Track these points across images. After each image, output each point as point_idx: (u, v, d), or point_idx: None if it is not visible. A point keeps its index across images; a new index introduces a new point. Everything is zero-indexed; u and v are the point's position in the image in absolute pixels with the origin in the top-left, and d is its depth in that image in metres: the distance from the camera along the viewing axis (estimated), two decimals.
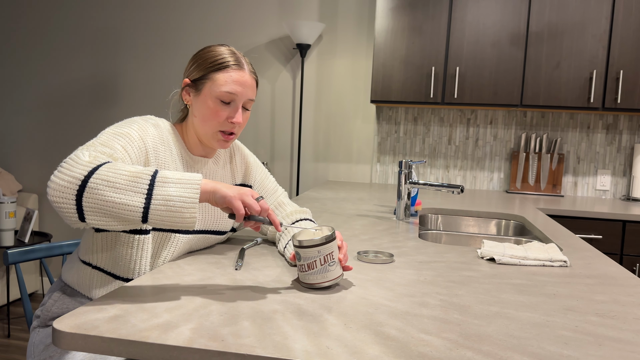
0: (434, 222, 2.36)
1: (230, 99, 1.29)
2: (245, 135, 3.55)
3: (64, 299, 1.29)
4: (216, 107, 1.29)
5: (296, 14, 3.43)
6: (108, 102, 3.72)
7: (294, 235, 1.12)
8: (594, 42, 2.79)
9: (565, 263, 1.39)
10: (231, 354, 0.77)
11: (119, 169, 1.00)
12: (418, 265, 1.33)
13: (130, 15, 3.64)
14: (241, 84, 1.30)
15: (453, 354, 0.79)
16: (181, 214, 0.98)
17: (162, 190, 0.99)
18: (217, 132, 1.31)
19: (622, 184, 3.18)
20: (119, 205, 0.97)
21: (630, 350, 0.84)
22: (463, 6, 2.87)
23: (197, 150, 1.38)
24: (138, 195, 0.98)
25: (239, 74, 1.30)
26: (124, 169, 1.00)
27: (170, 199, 0.98)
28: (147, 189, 0.98)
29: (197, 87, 1.31)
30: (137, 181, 0.98)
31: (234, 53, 1.33)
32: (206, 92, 1.29)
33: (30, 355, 1.26)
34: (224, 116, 1.30)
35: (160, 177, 1.00)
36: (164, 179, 1.00)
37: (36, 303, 3.63)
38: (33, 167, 3.84)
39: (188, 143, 1.37)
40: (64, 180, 0.98)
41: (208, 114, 1.29)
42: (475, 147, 3.29)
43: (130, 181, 0.98)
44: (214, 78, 1.29)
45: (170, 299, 0.98)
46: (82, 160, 1.01)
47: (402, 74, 2.95)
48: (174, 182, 1.00)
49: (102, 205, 0.97)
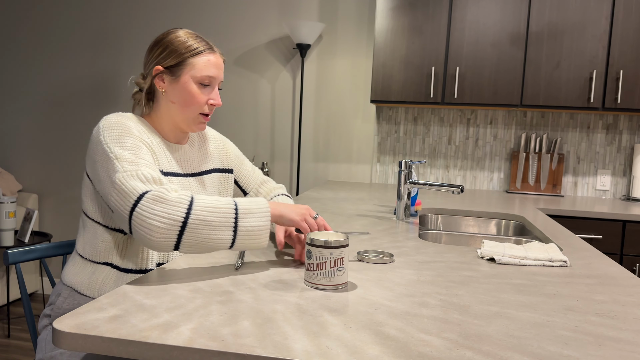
0: (434, 222, 2.36)
1: (209, 82, 1.34)
2: (246, 135, 3.55)
3: (74, 295, 1.30)
4: (197, 91, 1.33)
5: (296, 14, 3.43)
6: (108, 102, 3.72)
7: (308, 234, 1.13)
8: (594, 42, 2.79)
9: (565, 263, 1.39)
10: (231, 354, 0.77)
11: (209, 206, 1.11)
12: (418, 265, 1.33)
13: (130, 15, 3.64)
14: (217, 66, 1.35)
15: (453, 354, 0.79)
16: (258, 240, 1.15)
17: (245, 222, 1.13)
18: (198, 116, 1.36)
19: (622, 184, 3.18)
20: (214, 241, 1.10)
21: (630, 350, 0.84)
22: (463, 6, 2.87)
23: (172, 137, 1.41)
24: (228, 229, 1.11)
25: (214, 57, 1.36)
26: (212, 206, 1.11)
27: (251, 229, 1.13)
28: (234, 223, 1.12)
29: (173, 73, 1.33)
30: (226, 217, 1.11)
31: (201, 37, 1.37)
32: (185, 77, 1.32)
33: (41, 349, 1.27)
34: (204, 99, 1.34)
35: (241, 210, 1.13)
36: (245, 211, 1.14)
37: (36, 303, 3.63)
38: (33, 167, 3.84)
39: (162, 131, 1.39)
40: (165, 223, 1.07)
41: (190, 98, 1.33)
42: (475, 147, 3.29)
43: (222, 218, 1.11)
44: (192, 63, 1.32)
45: (170, 299, 0.98)
46: (171, 198, 1.09)
47: (402, 74, 2.95)
48: (252, 212, 1.14)
49: (200, 241, 1.10)
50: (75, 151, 3.78)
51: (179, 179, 1.38)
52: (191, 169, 1.44)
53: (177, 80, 1.33)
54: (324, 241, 1.07)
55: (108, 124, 1.25)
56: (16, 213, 3.39)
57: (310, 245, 1.09)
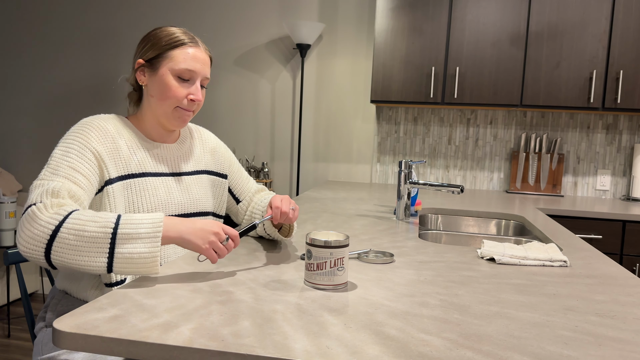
0: (434, 222, 2.36)
1: (189, 76, 1.30)
2: (246, 135, 3.55)
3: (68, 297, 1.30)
4: (174, 84, 1.28)
5: (296, 14, 3.43)
6: (108, 102, 3.72)
7: (308, 234, 1.12)
8: (594, 42, 2.79)
9: (565, 263, 1.39)
10: (231, 354, 0.77)
11: (78, 229, 1.02)
12: (418, 265, 1.33)
13: (130, 15, 3.64)
14: (198, 60, 1.30)
15: (453, 354, 0.79)
16: (144, 267, 1.04)
17: (124, 248, 1.02)
18: (175, 109, 1.30)
19: (622, 184, 3.18)
20: (83, 266, 1.02)
21: (630, 350, 0.84)
22: (463, 6, 2.87)
23: (154, 135, 1.36)
24: (100, 255, 1.02)
25: (195, 50, 1.30)
26: (81, 229, 1.02)
27: (131, 256, 1.03)
28: (108, 248, 1.02)
29: (152, 66, 1.29)
30: (97, 241, 1.02)
31: (187, 32, 1.33)
32: (163, 70, 1.28)
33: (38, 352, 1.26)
34: (183, 93, 1.29)
35: (120, 234, 1.03)
36: (125, 235, 1.03)
37: (36, 303, 3.63)
38: (33, 167, 3.84)
39: (145, 129, 1.35)
40: (30, 243, 1.02)
41: (166, 91, 1.28)
42: (475, 147, 3.29)
43: (91, 243, 1.02)
44: (170, 55, 1.28)
45: (170, 299, 0.98)
46: (42, 217, 1.03)
47: (402, 74, 2.95)
48: (135, 238, 1.03)
49: (68, 262, 1.02)
50: None
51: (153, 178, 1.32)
52: (171, 168, 1.38)
53: (155, 73, 1.29)
54: (324, 241, 1.07)
55: (80, 123, 1.26)
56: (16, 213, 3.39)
57: (310, 245, 1.09)
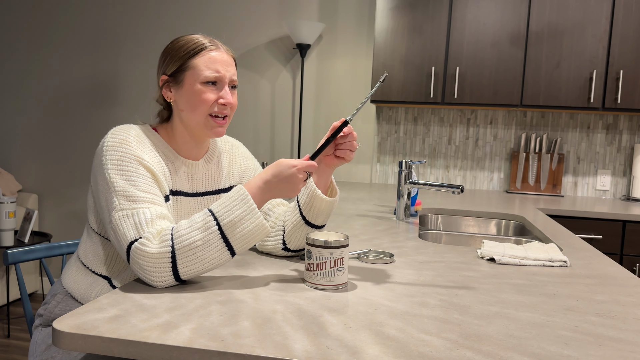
0: (434, 222, 2.36)
1: (215, 80, 1.24)
2: (246, 135, 3.55)
3: (68, 300, 1.29)
4: (203, 91, 1.23)
5: (296, 14, 3.43)
6: (108, 102, 3.72)
7: (308, 234, 1.12)
8: (594, 42, 2.79)
9: (565, 263, 1.39)
10: (231, 354, 0.77)
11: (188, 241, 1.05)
12: (418, 265, 1.33)
13: (130, 15, 3.64)
14: (221, 62, 1.24)
15: (453, 354, 0.79)
16: (259, 236, 1.10)
17: (234, 236, 1.07)
18: (208, 118, 1.25)
19: (622, 184, 3.18)
20: (214, 267, 1.09)
21: (630, 350, 0.84)
22: (463, 6, 2.87)
23: (184, 151, 1.31)
24: (221, 251, 1.07)
25: (217, 53, 1.25)
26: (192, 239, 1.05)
27: (243, 236, 1.08)
28: (223, 242, 1.07)
29: (176, 79, 1.25)
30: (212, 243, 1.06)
31: (206, 36, 1.28)
32: (189, 81, 1.23)
33: (32, 354, 1.25)
34: (212, 99, 1.24)
35: (224, 225, 1.06)
36: (228, 224, 1.07)
37: (36, 303, 3.63)
38: (33, 167, 3.84)
39: (175, 144, 1.31)
40: (158, 279, 1.05)
41: (195, 100, 1.23)
42: (475, 147, 3.29)
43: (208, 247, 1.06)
44: (192, 65, 1.23)
45: (170, 299, 0.98)
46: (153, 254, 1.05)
47: (402, 74, 2.95)
48: (236, 221, 1.07)
49: (201, 273, 1.08)
50: (75, 151, 3.78)
51: (187, 198, 1.30)
52: (202, 187, 1.34)
53: (181, 87, 1.24)
54: (324, 241, 1.07)
55: (112, 145, 1.18)
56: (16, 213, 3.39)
57: (310, 245, 1.09)
